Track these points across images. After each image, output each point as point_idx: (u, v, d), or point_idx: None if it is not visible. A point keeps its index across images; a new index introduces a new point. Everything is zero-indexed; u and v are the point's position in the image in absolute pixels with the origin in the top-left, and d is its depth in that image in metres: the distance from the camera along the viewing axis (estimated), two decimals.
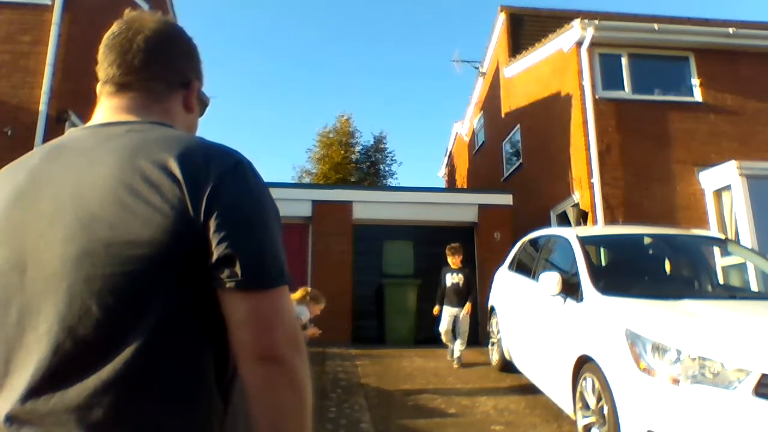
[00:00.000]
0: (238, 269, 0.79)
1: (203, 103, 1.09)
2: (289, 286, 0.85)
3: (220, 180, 0.81)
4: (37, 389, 0.76)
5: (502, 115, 13.12)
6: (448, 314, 6.80)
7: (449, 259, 7.04)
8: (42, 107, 7.69)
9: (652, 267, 5.22)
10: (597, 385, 3.45)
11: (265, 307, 0.80)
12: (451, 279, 6.88)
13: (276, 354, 0.78)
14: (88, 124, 0.96)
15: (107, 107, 0.97)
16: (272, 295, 0.81)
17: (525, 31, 12.69)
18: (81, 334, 0.76)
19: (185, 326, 0.80)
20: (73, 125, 8.34)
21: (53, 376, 0.76)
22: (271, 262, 0.82)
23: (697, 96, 8.83)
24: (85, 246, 0.77)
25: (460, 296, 6.79)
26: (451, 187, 19.21)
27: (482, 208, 9.99)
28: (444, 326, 6.83)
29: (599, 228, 7.24)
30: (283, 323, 0.80)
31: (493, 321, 6.49)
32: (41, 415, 0.76)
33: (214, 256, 0.79)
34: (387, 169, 22.62)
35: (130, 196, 0.78)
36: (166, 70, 0.98)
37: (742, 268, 6.97)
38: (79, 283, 0.77)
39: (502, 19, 13.25)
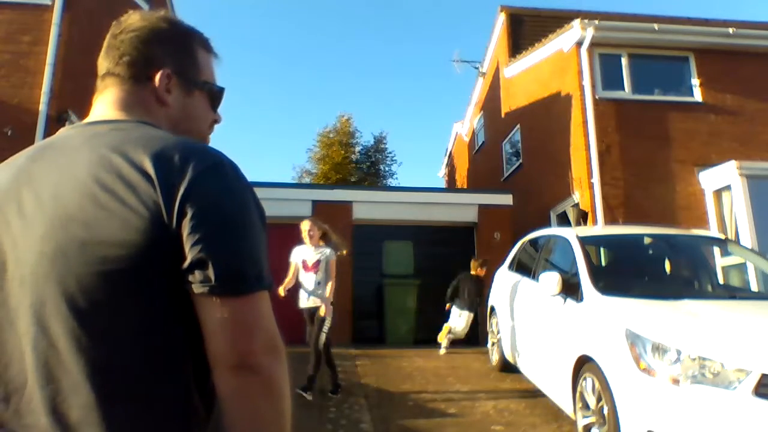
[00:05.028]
0: (211, 273, 0.75)
1: (212, 94, 1.04)
2: (271, 290, 0.83)
3: (196, 180, 0.78)
4: (16, 388, 0.77)
5: (502, 115, 13.12)
6: (466, 317, 7.69)
7: (476, 268, 8.00)
8: (42, 107, 7.69)
9: (652, 267, 5.22)
10: (597, 385, 3.45)
11: (241, 314, 0.77)
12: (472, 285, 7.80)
13: (252, 362, 0.75)
14: (80, 122, 0.97)
15: (99, 104, 0.97)
16: (249, 301, 0.78)
17: (525, 31, 12.69)
18: (54, 334, 0.76)
19: (161, 330, 0.78)
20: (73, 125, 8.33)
21: (31, 376, 0.76)
22: (248, 266, 0.79)
23: (697, 96, 8.83)
24: (60, 245, 0.77)
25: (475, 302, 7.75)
26: (451, 187, 19.22)
27: (482, 208, 9.99)
28: (466, 328, 7.73)
29: (599, 228, 7.24)
30: (261, 330, 0.77)
31: (493, 321, 6.49)
32: (20, 414, 0.77)
33: (188, 260, 0.76)
34: (387, 169, 22.65)
35: (106, 195, 0.77)
36: (145, 65, 0.95)
37: (742, 268, 6.97)
38: (53, 282, 0.76)
39: (502, 19, 13.25)
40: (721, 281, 6.36)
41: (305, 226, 5.46)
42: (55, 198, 0.79)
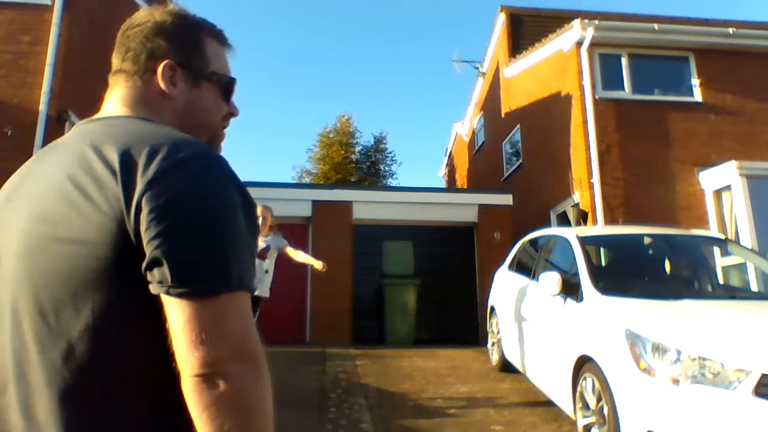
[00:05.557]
0: (167, 273, 0.71)
1: (223, 85, 1.01)
2: (248, 291, 0.76)
3: (159, 175, 0.74)
4: (1, 386, 0.78)
5: (502, 115, 13.12)
6: None
7: None
8: (42, 107, 7.69)
9: (652, 267, 5.22)
10: (597, 385, 3.45)
11: (202, 318, 0.70)
12: None
13: (213, 372, 0.69)
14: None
15: (106, 101, 0.97)
16: (212, 304, 0.71)
17: (525, 31, 12.69)
18: (24, 332, 0.76)
19: (122, 331, 0.74)
20: (73, 125, 8.33)
21: (10, 374, 0.77)
22: (212, 266, 0.72)
23: (697, 96, 8.83)
24: (32, 242, 0.77)
25: None
26: (451, 187, 19.22)
27: (482, 208, 9.99)
28: None
29: (599, 228, 7.24)
30: (227, 336, 0.70)
31: (493, 321, 6.49)
32: (2, 411, 0.77)
33: (146, 259, 0.72)
34: (387, 169, 22.65)
35: (76, 193, 0.76)
36: (149, 59, 0.94)
37: (742, 268, 6.97)
38: (25, 280, 0.76)
39: (502, 19, 13.25)
40: (721, 281, 6.36)
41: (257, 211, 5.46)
42: (37, 197, 0.80)
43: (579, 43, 8.76)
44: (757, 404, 2.74)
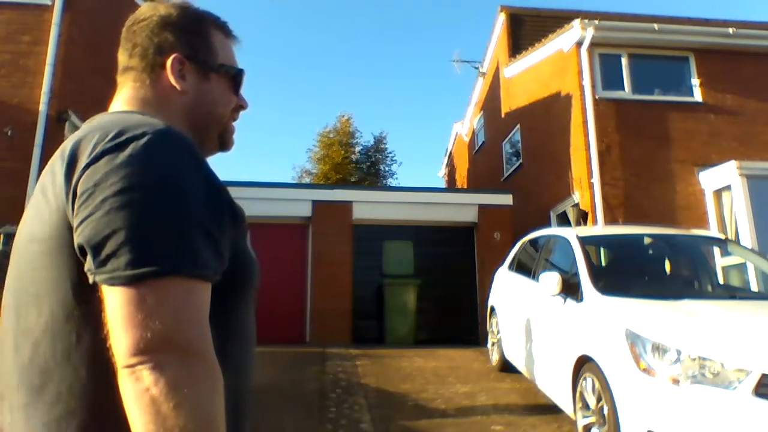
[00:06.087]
0: (91, 259, 0.67)
1: (231, 76, 0.99)
2: (190, 276, 0.68)
3: (96, 158, 0.70)
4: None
5: (502, 115, 13.12)
6: None
7: None
8: (42, 107, 7.69)
9: (652, 267, 5.22)
10: (597, 385, 3.45)
11: (128, 306, 0.65)
12: None
13: (134, 363, 0.63)
14: None
15: (114, 101, 0.96)
16: (136, 290, 0.65)
17: (525, 31, 12.69)
18: (7, 332, 0.77)
19: (84, 329, 0.70)
20: (73, 125, 8.34)
21: (2, 372, 0.78)
22: (134, 250, 0.66)
23: (697, 96, 8.83)
24: (18, 245, 0.79)
25: None
26: (451, 187, 19.22)
27: (482, 208, 9.99)
28: None
29: (599, 228, 7.24)
30: (151, 325, 0.64)
31: (493, 321, 6.49)
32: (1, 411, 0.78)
33: (76, 246, 0.69)
34: (387, 169, 22.65)
35: (39, 192, 0.77)
36: (157, 53, 0.92)
37: (742, 268, 6.97)
38: (11, 281, 0.78)
39: (502, 19, 13.25)
40: (721, 281, 6.36)
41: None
42: (32, 199, 0.81)
43: (579, 43, 8.76)
44: (757, 404, 2.74)
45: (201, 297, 0.69)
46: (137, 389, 0.63)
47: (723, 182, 7.96)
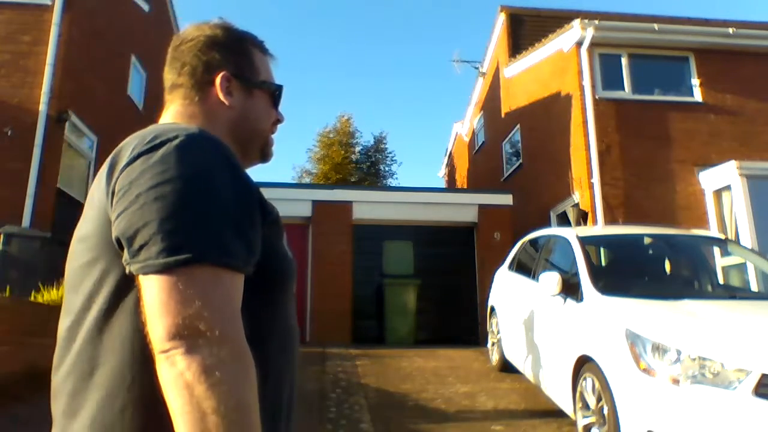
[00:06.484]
0: (126, 251, 0.72)
1: (272, 92, 1.06)
2: (218, 265, 0.71)
3: (132, 160, 0.76)
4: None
5: (502, 115, 13.12)
6: None
7: None
8: (42, 107, 7.69)
9: (652, 267, 5.22)
10: (597, 385, 3.45)
11: (153, 293, 0.69)
12: None
13: (163, 350, 0.67)
14: None
15: (161, 117, 1.01)
16: (164, 279, 0.68)
17: (525, 31, 12.69)
18: (65, 323, 0.82)
19: (125, 316, 0.75)
20: (73, 125, 8.34)
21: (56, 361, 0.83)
22: (159, 239, 0.69)
23: (697, 96, 8.83)
24: (71, 245, 0.85)
25: None
26: (451, 187, 19.22)
27: (482, 208, 9.99)
28: None
29: (599, 228, 7.24)
30: (176, 312, 0.67)
31: (493, 321, 6.49)
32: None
33: (113, 239, 0.75)
34: (387, 169, 22.66)
35: (89, 195, 0.84)
36: (206, 71, 0.99)
37: (742, 268, 6.97)
38: (66, 278, 0.84)
39: (502, 19, 13.25)
40: (721, 281, 6.36)
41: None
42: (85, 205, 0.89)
43: (579, 43, 8.76)
44: (757, 404, 2.74)
45: (230, 285, 0.72)
46: (172, 373, 0.66)
47: (723, 182, 7.96)
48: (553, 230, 6.00)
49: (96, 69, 9.12)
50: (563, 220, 9.42)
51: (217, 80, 0.97)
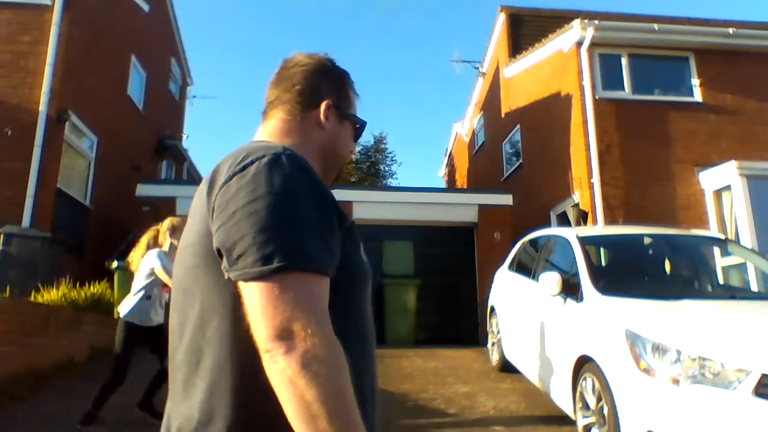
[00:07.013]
0: (225, 260, 0.83)
1: (357, 126, 1.19)
2: (308, 272, 0.81)
3: (228, 179, 0.87)
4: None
5: (502, 115, 13.12)
6: None
7: None
8: (42, 107, 7.70)
9: (652, 267, 5.22)
10: (597, 385, 3.45)
11: (252, 300, 0.79)
12: None
13: (266, 349, 0.77)
14: None
15: (258, 131, 1.14)
16: (259, 287, 0.79)
17: (525, 31, 12.70)
18: (176, 321, 0.95)
19: (224, 314, 0.86)
20: (73, 125, 8.34)
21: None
22: (254, 249, 0.79)
23: (697, 96, 8.83)
24: (179, 249, 0.99)
25: None
26: (451, 187, 19.22)
27: (482, 208, 9.99)
28: None
29: (599, 228, 7.24)
30: (268, 317, 0.77)
31: (493, 321, 6.49)
32: None
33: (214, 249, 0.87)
34: (387, 169, 22.70)
35: (192, 205, 0.96)
36: (312, 94, 1.11)
37: (742, 268, 6.97)
38: (175, 279, 0.98)
39: (502, 19, 13.26)
40: (721, 281, 6.36)
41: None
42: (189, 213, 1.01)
43: (579, 43, 8.76)
44: (757, 404, 2.74)
45: (318, 288, 0.82)
46: (276, 370, 0.76)
47: (723, 182, 7.96)
48: (553, 230, 6.00)
49: (96, 69, 9.12)
50: (563, 220, 9.42)
51: (323, 105, 1.11)
